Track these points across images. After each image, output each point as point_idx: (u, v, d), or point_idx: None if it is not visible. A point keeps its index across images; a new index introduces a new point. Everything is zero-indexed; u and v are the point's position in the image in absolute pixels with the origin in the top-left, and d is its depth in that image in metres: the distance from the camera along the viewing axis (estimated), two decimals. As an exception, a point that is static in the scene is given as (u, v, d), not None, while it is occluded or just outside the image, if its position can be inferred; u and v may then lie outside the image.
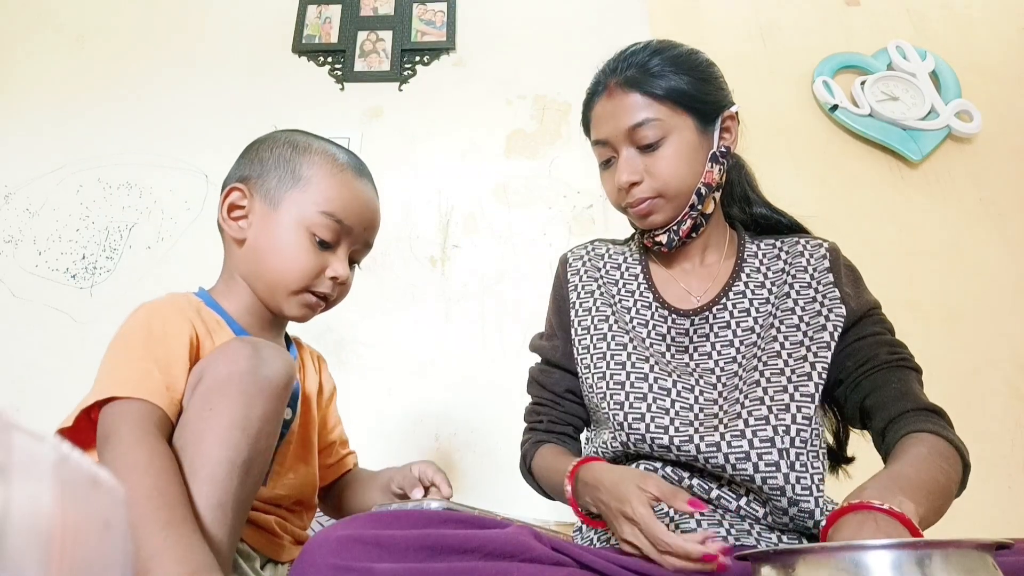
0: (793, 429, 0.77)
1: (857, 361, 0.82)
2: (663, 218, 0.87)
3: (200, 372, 0.67)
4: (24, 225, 1.85)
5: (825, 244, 0.91)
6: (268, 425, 0.65)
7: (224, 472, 0.60)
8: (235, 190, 0.82)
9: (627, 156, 0.85)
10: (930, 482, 0.64)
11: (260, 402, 0.64)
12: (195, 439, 0.62)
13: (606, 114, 0.87)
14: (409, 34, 2.05)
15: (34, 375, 1.67)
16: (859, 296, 0.86)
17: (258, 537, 0.76)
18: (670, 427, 0.80)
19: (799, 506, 0.76)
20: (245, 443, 0.62)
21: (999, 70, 2.01)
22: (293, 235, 0.79)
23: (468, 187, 1.86)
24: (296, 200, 0.80)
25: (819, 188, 1.85)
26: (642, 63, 0.85)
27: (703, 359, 0.86)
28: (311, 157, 0.82)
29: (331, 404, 0.98)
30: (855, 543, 0.46)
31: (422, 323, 1.72)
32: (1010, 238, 1.81)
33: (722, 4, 2.09)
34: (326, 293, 0.82)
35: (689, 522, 0.79)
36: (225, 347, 0.67)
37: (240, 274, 0.83)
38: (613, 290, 0.94)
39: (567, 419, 0.96)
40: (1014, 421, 1.64)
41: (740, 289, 0.89)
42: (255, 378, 0.64)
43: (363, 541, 0.54)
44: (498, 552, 0.56)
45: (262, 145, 0.85)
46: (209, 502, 0.59)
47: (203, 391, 0.64)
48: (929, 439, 0.71)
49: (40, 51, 2.07)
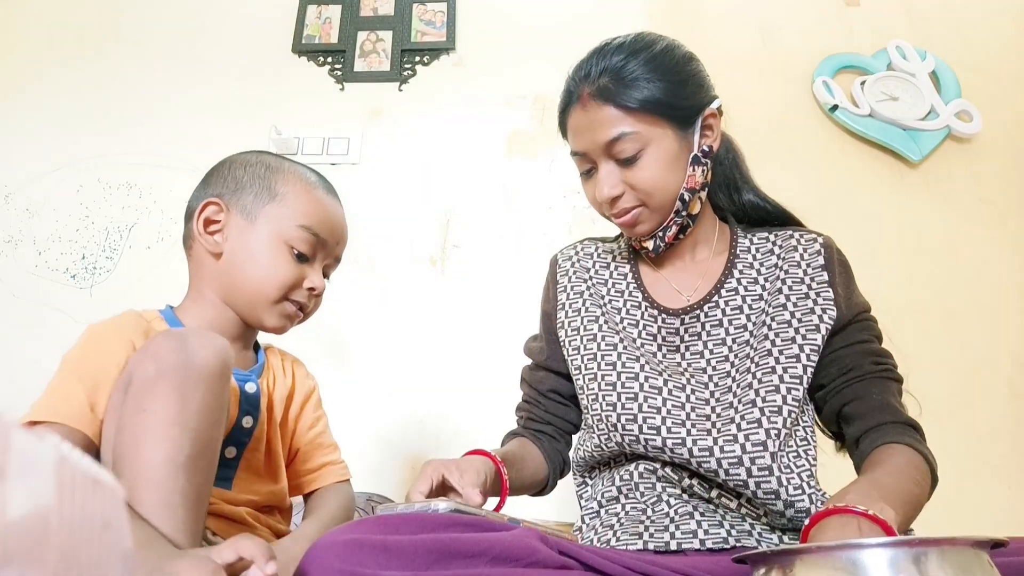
0: (784, 433, 0.77)
1: (841, 368, 0.82)
2: (648, 227, 0.86)
3: (129, 375, 0.65)
4: (24, 225, 1.85)
5: (820, 239, 0.89)
6: (210, 415, 0.63)
7: (166, 472, 0.59)
8: (211, 204, 0.84)
9: (607, 170, 0.84)
10: (905, 492, 0.66)
11: (195, 394, 0.62)
12: (132, 443, 0.60)
13: (582, 127, 0.84)
14: (409, 34, 2.05)
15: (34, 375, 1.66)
16: (850, 298, 0.85)
17: (231, 530, 0.75)
18: (662, 427, 0.80)
19: (795, 507, 0.76)
20: (186, 439, 0.60)
21: (999, 70, 2.01)
22: (272, 247, 0.83)
23: (468, 187, 1.86)
24: (273, 214, 0.84)
25: (819, 188, 1.84)
26: (616, 70, 0.81)
27: (695, 358, 0.86)
28: (285, 176, 0.87)
29: (307, 406, 0.95)
30: (852, 542, 0.47)
31: (422, 323, 1.72)
32: (1010, 238, 1.81)
33: (722, 4, 2.09)
34: (303, 303, 0.86)
35: (689, 523, 0.79)
36: (150, 344, 0.66)
37: (214, 288, 0.85)
38: (603, 290, 0.94)
39: (547, 417, 0.97)
40: (1014, 421, 1.64)
41: (733, 286, 0.88)
42: (186, 371, 0.62)
43: (370, 545, 0.53)
44: (504, 556, 0.56)
45: (233, 165, 0.88)
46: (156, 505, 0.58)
47: (134, 393, 0.63)
48: (906, 451, 0.73)
49: (40, 51, 2.07)
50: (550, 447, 0.96)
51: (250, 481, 0.81)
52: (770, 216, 0.95)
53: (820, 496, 0.78)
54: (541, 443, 0.96)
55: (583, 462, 0.92)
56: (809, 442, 0.83)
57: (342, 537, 0.54)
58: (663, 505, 0.81)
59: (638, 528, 0.80)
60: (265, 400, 0.85)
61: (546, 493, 0.99)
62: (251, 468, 0.81)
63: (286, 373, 0.94)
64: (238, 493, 0.79)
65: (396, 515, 0.59)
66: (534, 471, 0.92)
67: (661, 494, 0.82)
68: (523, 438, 0.96)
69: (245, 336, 0.88)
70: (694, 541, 0.77)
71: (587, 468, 0.92)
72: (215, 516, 0.75)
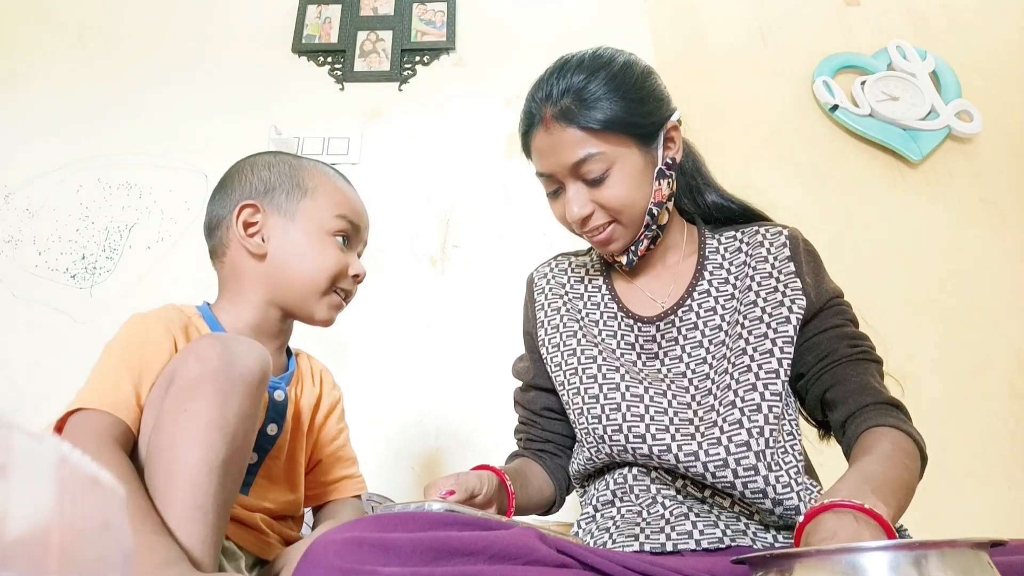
0: (767, 430, 0.77)
1: (817, 355, 0.82)
2: (622, 244, 0.86)
3: (171, 373, 0.66)
4: (24, 225, 1.85)
5: (785, 232, 0.89)
6: (245, 422, 0.64)
7: (203, 475, 0.60)
8: (248, 207, 0.85)
9: (575, 190, 0.83)
10: (896, 480, 0.66)
11: (235, 400, 0.63)
12: (170, 442, 0.61)
13: (546, 148, 0.84)
14: (409, 34, 2.05)
15: (34, 375, 1.67)
16: (819, 285, 0.85)
17: (244, 535, 0.76)
18: (647, 435, 0.80)
19: (784, 504, 0.76)
20: (223, 443, 0.61)
21: (999, 70, 2.01)
22: (317, 240, 0.85)
23: (468, 187, 1.86)
24: (311, 208, 0.86)
25: (819, 188, 1.84)
26: (578, 90, 0.81)
27: (674, 363, 0.86)
28: (309, 171, 0.89)
29: (331, 417, 0.96)
30: (851, 545, 0.47)
31: (422, 323, 1.72)
32: (1010, 238, 1.81)
33: (722, 4, 2.09)
34: (348, 290, 0.89)
35: (685, 523, 0.79)
36: (195, 345, 0.66)
37: (260, 290, 0.84)
38: (579, 304, 0.94)
39: (545, 436, 0.98)
40: (1014, 421, 1.64)
41: (704, 288, 0.88)
42: (229, 375, 0.63)
43: (368, 543, 0.54)
44: (503, 554, 0.56)
45: (254, 167, 0.89)
46: (188, 505, 0.59)
47: (175, 392, 0.63)
48: (892, 434, 0.73)
49: (41, 51, 2.07)
50: (553, 464, 0.97)
51: (268, 488, 0.81)
52: (735, 214, 0.96)
53: (809, 492, 0.78)
54: (544, 462, 0.97)
55: (578, 475, 0.92)
56: (795, 436, 0.82)
57: (340, 535, 0.54)
58: (658, 506, 0.82)
59: (634, 530, 0.80)
60: (292, 408, 0.86)
61: (555, 511, 0.98)
62: (270, 475, 0.81)
63: (315, 382, 0.94)
64: (255, 500, 0.79)
65: (393, 514, 0.59)
66: (539, 488, 0.93)
67: (656, 496, 0.82)
68: (525, 458, 0.96)
69: (281, 338, 0.89)
70: (690, 542, 0.77)
71: (583, 479, 0.93)
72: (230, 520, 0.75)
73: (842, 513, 0.56)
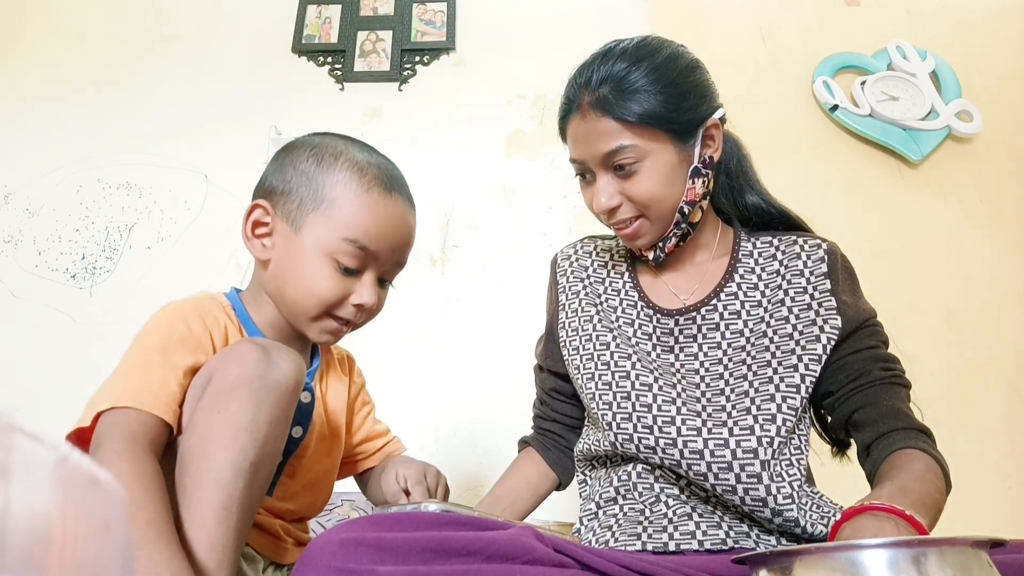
0: (776, 441, 0.77)
1: (850, 375, 0.81)
2: (649, 240, 0.86)
3: (208, 373, 0.66)
4: (24, 225, 1.85)
5: (824, 245, 0.88)
6: (275, 429, 0.65)
7: (230, 476, 0.60)
8: (258, 207, 0.78)
9: (604, 181, 0.83)
10: (930, 498, 0.66)
11: (268, 406, 0.63)
12: (202, 442, 0.62)
13: (580, 136, 0.83)
14: (409, 34, 2.05)
15: (34, 375, 1.67)
16: (856, 305, 0.84)
17: (263, 540, 0.76)
18: (653, 425, 0.80)
19: (783, 515, 0.76)
20: (252, 447, 0.62)
21: (999, 70, 2.01)
22: (313, 261, 0.75)
23: (468, 187, 1.86)
24: (317, 224, 0.75)
25: (819, 188, 1.84)
26: (618, 79, 0.80)
27: (689, 360, 0.86)
28: (335, 175, 0.76)
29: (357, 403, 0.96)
30: (851, 543, 0.47)
31: (422, 323, 1.72)
32: (1010, 238, 1.81)
33: (722, 4, 2.09)
34: (349, 319, 0.80)
35: (688, 523, 0.79)
36: (234, 348, 0.67)
37: (266, 292, 0.80)
38: (600, 288, 0.94)
39: (554, 416, 1.00)
40: (1014, 421, 1.64)
41: (732, 290, 0.87)
42: (264, 381, 0.63)
43: (365, 544, 0.54)
44: (501, 554, 0.56)
45: (291, 155, 0.79)
46: (213, 504, 0.59)
47: (211, 393, 0.64)
48: (923, 457, 0.73)
49: (40, 51, 2.07)
50: (555, 448, 1.00)
51: (291, 488, 0.80)
52: (773, 220, 0.94)
53: (811, 506, 0.78)
54: (545, 447, 1.00)
55: (583, 455, 0.92)
56: (803, 451, 0.82)
57: (337, 536, 0.55)
58: (661, 506, 0.81)
59: (636, 529, 0.80)
60: (319, 407, 0.84)
61: (563, 488, 1.02)
62: (294, 476, 0.81)
63: (344, 370, 0.93)
64: (278, 500, 0.79)
65: (390, 514, 0.60)
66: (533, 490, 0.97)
67: (659, 495, 0.82)
68: (529, 448, 1.02)
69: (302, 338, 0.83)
70: (692, 542, 0.77)
71: (588, 462, 0.93)
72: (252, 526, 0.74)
73: (883, 517, 0.56)
